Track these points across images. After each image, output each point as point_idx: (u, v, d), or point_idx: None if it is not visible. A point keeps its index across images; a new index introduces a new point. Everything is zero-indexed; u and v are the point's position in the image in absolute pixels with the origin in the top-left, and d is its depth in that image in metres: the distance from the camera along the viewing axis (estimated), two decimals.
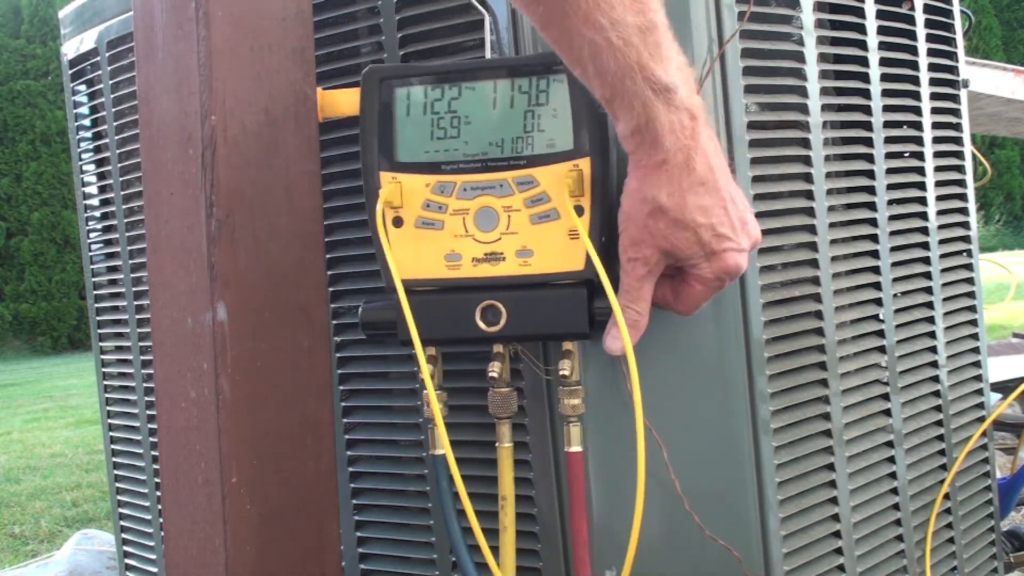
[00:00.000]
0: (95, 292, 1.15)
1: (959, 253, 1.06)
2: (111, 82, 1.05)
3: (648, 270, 0.68)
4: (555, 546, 0.79)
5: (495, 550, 0.75)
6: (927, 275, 0.99)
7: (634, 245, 0.67)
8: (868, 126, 0.92)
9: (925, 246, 0.99)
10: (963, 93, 1.06)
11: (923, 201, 0.99)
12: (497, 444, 0.76)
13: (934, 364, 1.00)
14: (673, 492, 0.77)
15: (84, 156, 1.14)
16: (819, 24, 0.87)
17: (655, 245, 0.67)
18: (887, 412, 0.93)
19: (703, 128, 0.64)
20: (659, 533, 0.78)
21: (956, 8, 1.06)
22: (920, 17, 0.99)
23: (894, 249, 0.94)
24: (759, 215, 0.80)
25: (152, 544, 1.11)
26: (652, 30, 0.61)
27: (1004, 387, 2.01)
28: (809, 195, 0.84)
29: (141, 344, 1.07)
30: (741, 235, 0.67)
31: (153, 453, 1.07)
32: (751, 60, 0.80)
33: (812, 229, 0.84)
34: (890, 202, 0.94)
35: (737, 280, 0.78)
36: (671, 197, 0.64)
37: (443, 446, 0.71)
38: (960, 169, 1.06)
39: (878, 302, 0.92)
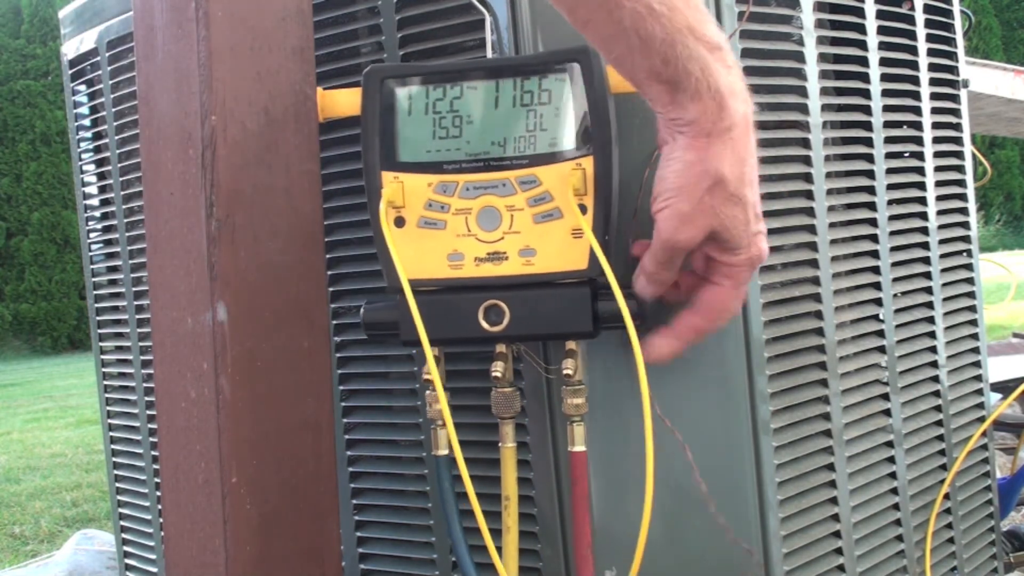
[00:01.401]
0: (95, 292, 1.15)
1: (959, 253, 1.06)
2: (111, 82, 1.05)
3: (688, 250, 0.65)
4: (555, 546, 0.79)
5: (497, 550, 0.75)
6: (927, 275, 0.99)
7: (683, 223, 0.63)
8: (868, 126, 0.92)
9: (925, 246, 0.99)
10: (963, 93, 1.06)
11: (923, 201, 0.99)
12: (500, 444, 0.76)
13: (934, 364, 1.00)
14: (674, 492, 0.77)
15: (84, 156, 1.14)
16: (819, 24, 0.87)
17: (705, 223, 0.63)
18: (887, 412, 0.93)
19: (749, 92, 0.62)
20: (659, 533, 0.78)
21: (956, 8, 1.06)
22: (920, 17, 0.99)
23: (894, 249, 0.94)
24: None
25: (152, 544, 1.11)
26: None
27: (1004, 387, 2.01)
28: (809, 195, 0.84)
29: (141, 344, 1.07)
30: (763, 218, 0.66)
31: (153, 453, 1.07)
32: (751, 60, 0.80)
33: (812, 229, 0.84)
34: (890, 202, 0.94)
35: None
36: (732, 168, 0.61)
37: (450, 446, 0.71)
38: (960, 169, 1.06)
39: (878, 302, 0.92)
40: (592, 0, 0.59)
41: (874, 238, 0.91)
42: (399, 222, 0.73)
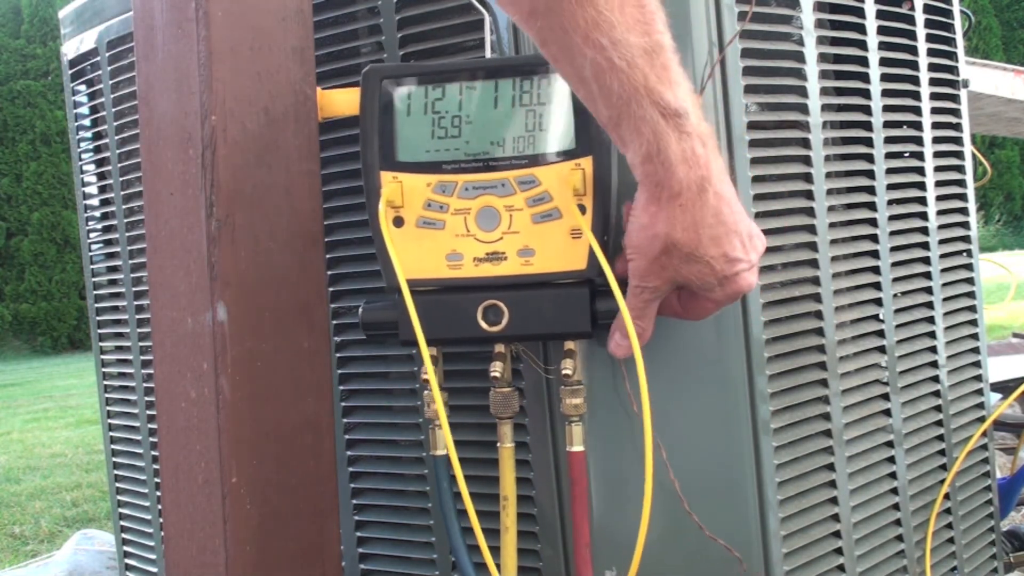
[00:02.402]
0: (95, 292, 1.15)
1: (959, 253, 1.06)
2: (111, 82, 1.05)
3: (656, 296, 0.67)
4: (555, 546, 0.79)
5: (496, 550, 0.75)
6: (927, 275, 0.99)
7: (644, 277, 0.66)
8: (868, 126, 0.92)
9: (925, 246, 0.99)
10: (963, 93, 1.06)
11: (923, 201, 0.99)
12: (499, 444, 0.76)
13: (934, 364, 1.00)
14: (673, 492, 0.77)
15: (84, 156, 1.14)
16: (819, 24, 0.87)
17: (666, 278, 0.65)
18: (887, 412, 0.93)
19: (714, 155, 0.61)
20: (659, 533, 0.78)
21: (956, 8, 1.06)
22: (920, 17, 0.99)
23: (894, 249, 0.94)
24: (759, 215, 0.80)
25: (152, 544, 1.11)
26: (658, 51, 0.58)
27: (1004, 387, 2.01)
28: (809, 195, 0.84)
29: (141, 344, 1.07)
30: (751, 251, 0.65)
31: (153, 453, 1.07)
32: (751, 60, 0.80)
33: (812, 229, 0.84)
34: (890, 202, 0.94)
35: None
36: (685, 232, 0.62)
37: (446, 446, 0.71)
38: (960, 169, 1.06)
39: (878, 302, 0.92)
40: (555, 44, 0.59)
41: (874, 238, 0.91)
42: (398, 222, 0.73)
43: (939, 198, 1.01)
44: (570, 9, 0.56)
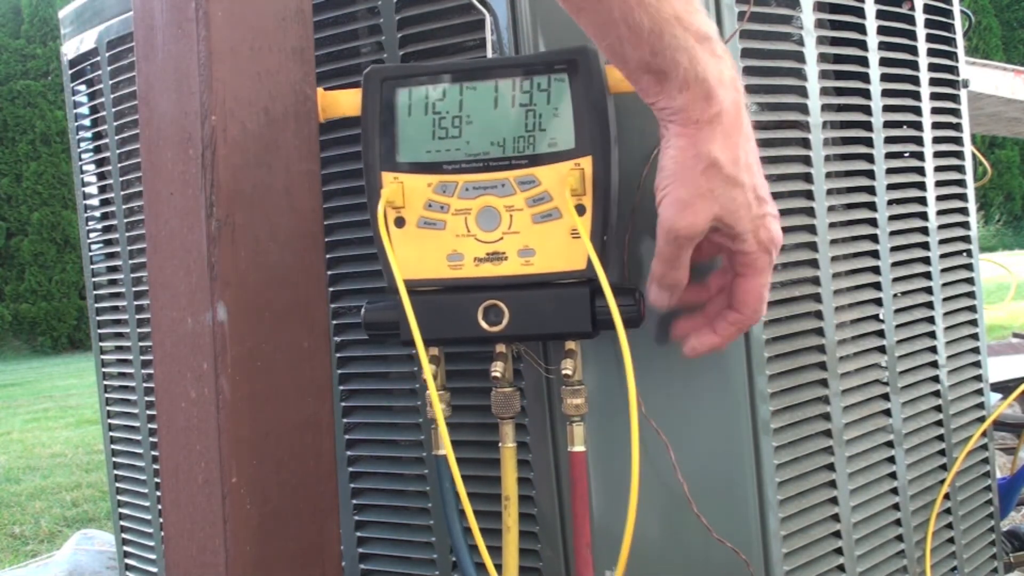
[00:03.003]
0: (95, 292, 1.15)
1: (959, 253, 1.06)
2: (111, 82, 1.05)
3: (692, 236, 0.64)
4: (555, 546, 0.79)
5: (496, 550, 0.75)
6: (927, 275, 0.99)
7: (683, 209, 0.63)
8: (868, 126, 0.92)
9: (925, 246, 0.99)
10: (963, 93, 1.06)
11: (923, 201, 0.99)
12: (500, 444, 0.76)
13: (934, 364, 1.00)
14: (674, 492, 0.77)
15: (84, 156, 1.14)
16: (819, 24, 0.87)
17: (707, 207, 0.63)
18: (887, 412, 0.93)
19: (739, 79, 0.63)
20: (660, 534, 0.78)
21: (956, 8, 1.06)
22: (920, 17, 0.99)
23: (894, 249, 0.94)
24: None
25: (152, 544, 1.11)
26: None
27: (1004, 387, 2.01)
28: (809, 195, 0.84)
29: (141, 344, 1.07)
30: (771, 201, 0.66)
31: (153, 453, 1.07)
32: (751, 60, 0.80)
33: (812, 229, 0.84)
34: (890, 202, 0.94)
35: None
36: (724, 151, 0.62)
37: (444, 446, 0.71)
38: (960, 169, 1.06)
39: (878, 302, 0.92)
40: None
41: (874, 238, 0.91)
42: (399, 222, 0.73)
43: (939, 198, 1.01)
44: None
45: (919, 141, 0.99)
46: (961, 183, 1.06)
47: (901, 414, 0.94)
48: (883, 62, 0.93)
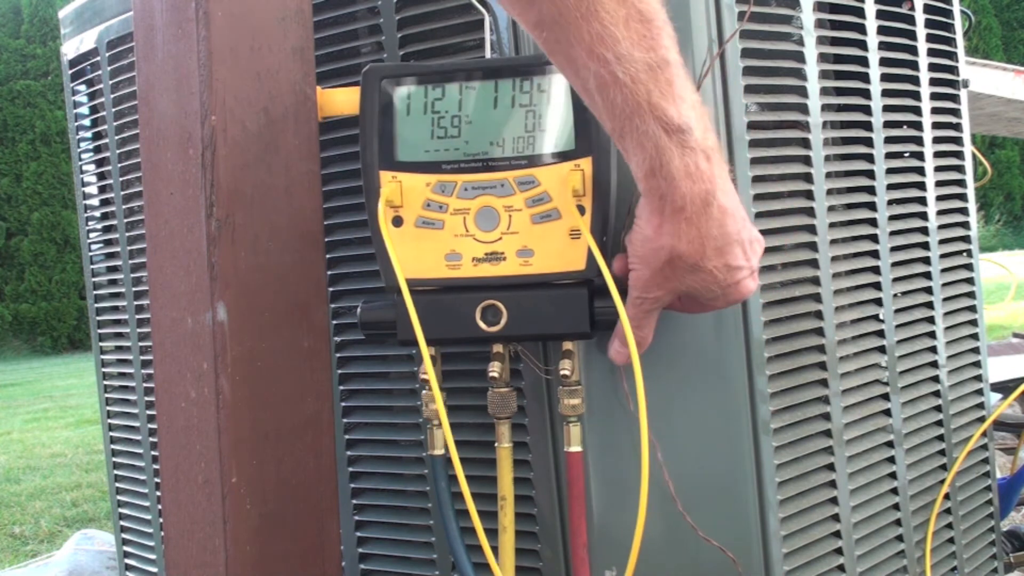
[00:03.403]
0: (95, 292, 1.15)
1: (959, 253, 1.06)
2: (111, 82, 1.05)
3: (657, 307, 0.67)
4: (555, 546, 0.79)
5: (494, 550, 0.75)
6: (927, 275, 0.99)
7: (646, 287, 0.66)
8: (868, 126, 0.92)
9: (925, 246, 0.99)
10: (963, 93, 1.06)
11: (923, 201, 0.99)
12: (496, 444, 0.76)
13: (934, 364, 1.00)
14: (675, 492, 0.77)
15: (84, 156, 1.14)
16: (819, 24, 0.87)
17: (669, 288, 0.65)
18: (887, 412, 0.93)
19: (718, 167, 0.61)
20: (659, 533, 0.78)
21: (956, 8, 1.06)
22: (920, 17, 0.99)
23: (894, 249, 0.94)
24: (759, 215, 0.80)
25: (152, 544, 1.11)
26: (663, 67, 0.58)
27: (1004, 387, 2.01)
28: (809, 195, 0.84)
29: (141, 344, 1.07)
30: (751, 256, 0.65)
31: (153, 453, 1.07)
32: (751, 60, 0.80)
33: (812, 229, 0.84)
34: (890, 202, 0.94)
35: None
36: (690, 244, 0.62)
37: (444, 446, 0.71)
38: (960, 169, 1.06)
39: (878, 302, 0.92)
40: (560, 55, 0.59)
41: (874, 238, 0.91)
42: (397, 222, 0.73)
43: (939, 198, 1.01)
44: (575, 23, 0.57)
45: (919, 141, 0.99)
46: (961, 183, 1.06)
47: (901, 414, 0.94)
48: (883, 62, 0.93)
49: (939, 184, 1.01)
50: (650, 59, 0.57)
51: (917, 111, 0.98)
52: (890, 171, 0.94)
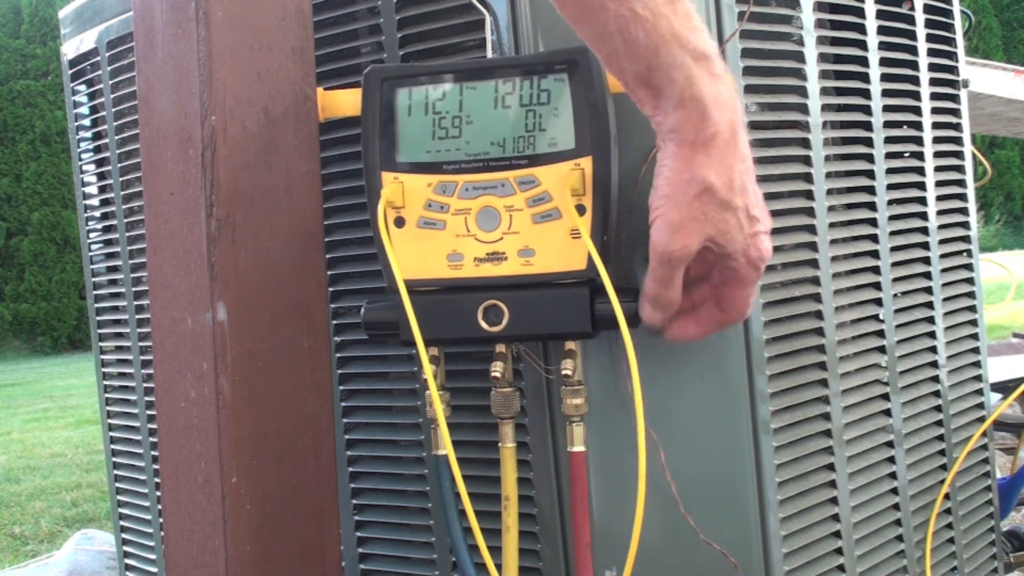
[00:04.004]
0: (95, 292, 1.15)
1: (959, 253, 1.06)
2: (111, 82, 1.05)
3: (684, 258, 0.64)
4: (555, 546, 0.79)
5: (496, 550, 0.75)
6: (927, 275, 0.99)
7: (676, 232, 0.63)
8: (868, 126, 0.92)
9: (925, 246, 0.99)
10: (963, 93, 1.06)
11: (923, 201, 0.99)
12: (500, 444, 0.76)
13: (934, 364, 1.00)
14: (674, 494, 0.77)
15: (84, 156, 1.14)
16: (819, 24, 0.87)
17: (699, 230, 0.63)
18: (887, 412, 0.93)
19: (739, 101, 0.62)
20: (659, 533, 0.78)
21: (956, 8, 1.06)
22: (920, 17, 0.99)
23: (894, 249, 0.94)
24: None
25: (152, 544, 1.11)
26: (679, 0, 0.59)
27: (1004, 387, 2.01)
28: (809, 195, 0.84)
29: (141, 344, 1.07)
30: (764, 218, 0.65)
31: (153, 453, 1.07)
32: (751, 60, 0.80)
33: (812, 229, 0.84)
34: (890, 202, 0.94)
35: None
36: (719, 175, 0.61)
37: (445, 446, 0.71)
38: (960, 169, 1.06)
39: (878, 302, 0.92)
40: (575, 4, 0.59)
41: (874, 238, 0.91)
42: (399, 222, 0.73)
43: (939, 198, 1.01)
44: None
45: (919, 141, 0.99)
46: (961, 183, 1.06)
47: (901, 414, 0.94)
48: (883, 62, 0.93)
49: (939, 184, 1.01)
50: None
51: (917, 111, 0.98)
52: (890, 171, 0.94)
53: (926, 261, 0.99)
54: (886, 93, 0.94)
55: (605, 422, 0.77)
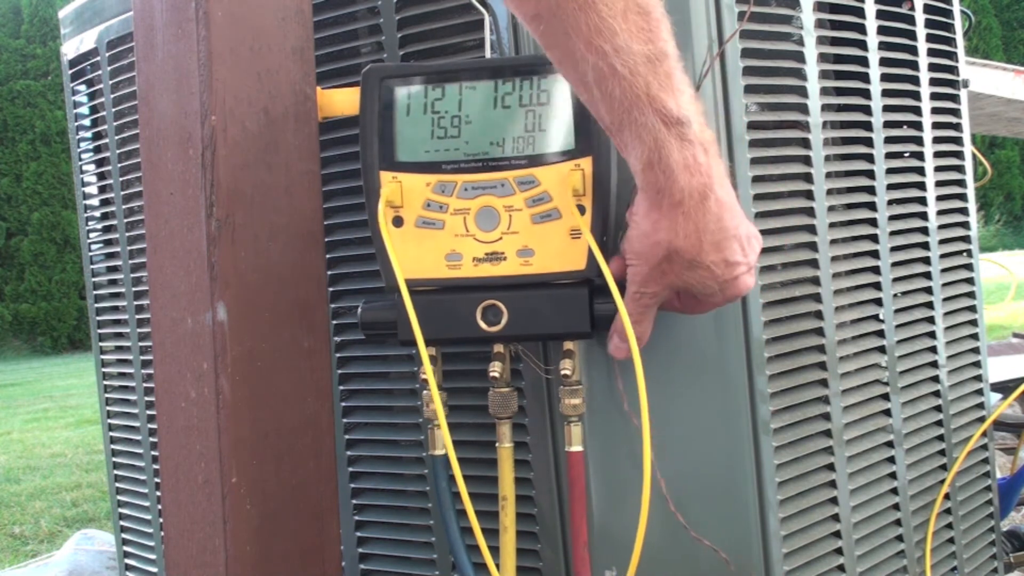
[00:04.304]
0: (95, 292, 1.15)
1: (959, 253, 1.06)
2: (111, 82, 1.05)
3: (655, 302, 0.67)
4: (555, 546, 0.79)
5: (495, 550, 0.75)
6: (927, 275, 0.99)
7: (644, 283, 0.65)
8: (868, 126, 0.92)
9: (925, 246, 0.99)
10: (963, 93, 1.06)
11: (923, 201, 0.99)
12: (497, 444, 0.76)
13: (934, 364, 1.00)
14: (673, 491, 0.77)
15: (84, 156, 1.14)
16: (819, 24, 0.87)
17: (666, 284, 0.65)
18: (887, 412, 0.93)
19: (715, 161, 0.61)
20: (659, 534, 0.78)
21: (956, 8, 1.06)
22: (920, 17, 0.99)
23: (894, 249, 0.94)
24: (759, 215, 0.80)
25: (152, 544, 1.11)
26: (662, 59, 0.58)
27: (1004, 387, 2.01)
28: (809, 195, 0.84)
29: (141, 344, 1.07)
30: (749, 253, 0.65)
31: (153, 453, 1.07)
32: (751, 60, 0.80)
33: (812, 229, 0.84)
34: (890, 202, 0.94)
35: None
36: (687, 239, 0.62)
37: (444, 446, 0.71)
38: (960, 169, 1.06)
39: (878, 302, 0.92)
40: (558, 48, 0.59)
41: (874, 238, 0.91)
42: (397, 222, 0.73)
43: (939, 198, 1.01)
44: (573, 14, 0.57)
45: (919, 141, 0.99)
46: (961, 183, 1.06)
47: (901, 414, 0.94)
48: (883, 62, 0.93)
49: (939, 184, 1.01)
50: (648, 51, 0.57)
51: (917, 111, 0.98)
52: (890, 171, 0.94)
53: (926, 261, 0.99)
54: (886, 93, 0.94)
55: (605, 422, 0.77)
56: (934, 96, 1.01)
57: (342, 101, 0.76)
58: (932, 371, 0.99)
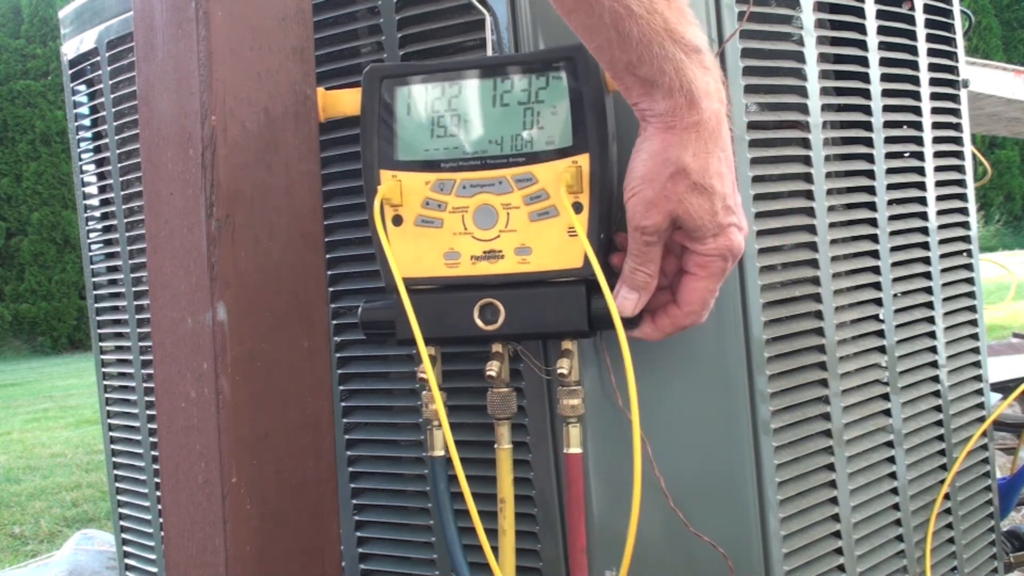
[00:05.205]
0: (95, 292, 1.15)
1: (959, 253, 1.06)
2: (111, 82, 1.05)
3: (657, 236, 0.66)
4: (555, 547, 0.79)
5: (494, 551, 0.75)
6: (927, 275, 0.99)
7: (648, 209, 0.65)
8: (868, 126, 0.92)
9: (925, 246, 0.99)
10: (963, 93, 1.06)
11: (923, 201, 0.99)
12: (496, 445, 0.76)
13: (934, 364, 1.00)
14: (673, 492, 0.77)
15: (84, 156, 1.14)
16: (819, 24, 0.87)
17: (669, 209, 0.65)
18: (887, 412, 0.93)
19: (725, 93, 0.64)
20: (659, 534, 0.78)
21: (956, 8, 1.06)
22: (920, 17, 0.99)
23: (894, 249, 0.94)
24: (759, 215, 0.80)
25: (152, 544, 1.11)
26: None
27: (1004, 387, 2.01)
28: (809, 195, 0.84)
29: (141, 344, 1.07)
30: (741, 213, 0.67)
31: (153, 453, 1.07)
32: (751, 60, 0.80)
33: (812, 229, 0.84)
34: (890, 202, 0.94)
35: (737, 280, 0.78)
36: (696, 158, 0.63)
37: (444, 447, 0.71)
38: (960, 169, 1.06)
39: (878, 302, 0.92)
40: None
41: (874, 238, 0.91)
42: (397, 220, 0.73)
43: (939, 198, 1.01)
44: None
45: (919, 141, 0.99)
46: (961, 183, 1.06)
47: (901, 414, 0.94)
48: (883, 62, 0.93)
49: (939, 184, 1.01)
50: None
51: (917, 111, 0.98)
52: (890, 171, 0.94)
53: (926, 261, 0.99)
54: (886, 93, 0.94)
55: (605, 423, 0.77)
56: (934, 96, 1.01)
57: (344, 101, 0.76)
58: (932, 371, 0.99)
